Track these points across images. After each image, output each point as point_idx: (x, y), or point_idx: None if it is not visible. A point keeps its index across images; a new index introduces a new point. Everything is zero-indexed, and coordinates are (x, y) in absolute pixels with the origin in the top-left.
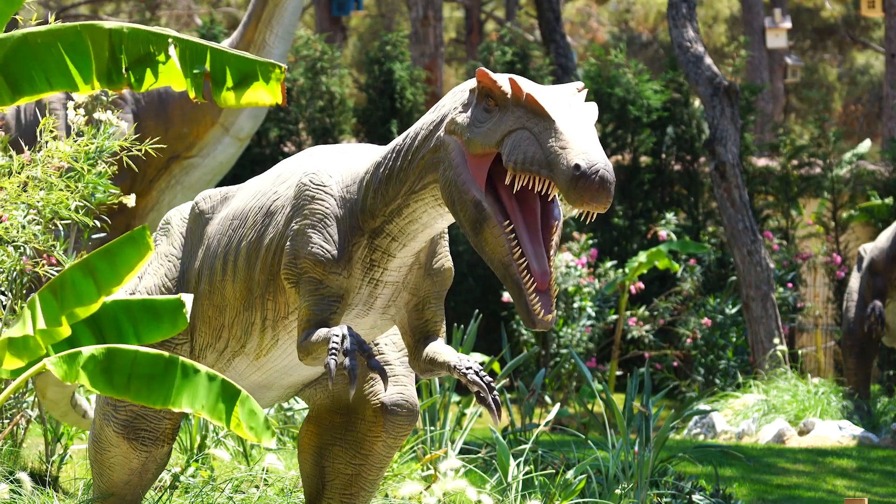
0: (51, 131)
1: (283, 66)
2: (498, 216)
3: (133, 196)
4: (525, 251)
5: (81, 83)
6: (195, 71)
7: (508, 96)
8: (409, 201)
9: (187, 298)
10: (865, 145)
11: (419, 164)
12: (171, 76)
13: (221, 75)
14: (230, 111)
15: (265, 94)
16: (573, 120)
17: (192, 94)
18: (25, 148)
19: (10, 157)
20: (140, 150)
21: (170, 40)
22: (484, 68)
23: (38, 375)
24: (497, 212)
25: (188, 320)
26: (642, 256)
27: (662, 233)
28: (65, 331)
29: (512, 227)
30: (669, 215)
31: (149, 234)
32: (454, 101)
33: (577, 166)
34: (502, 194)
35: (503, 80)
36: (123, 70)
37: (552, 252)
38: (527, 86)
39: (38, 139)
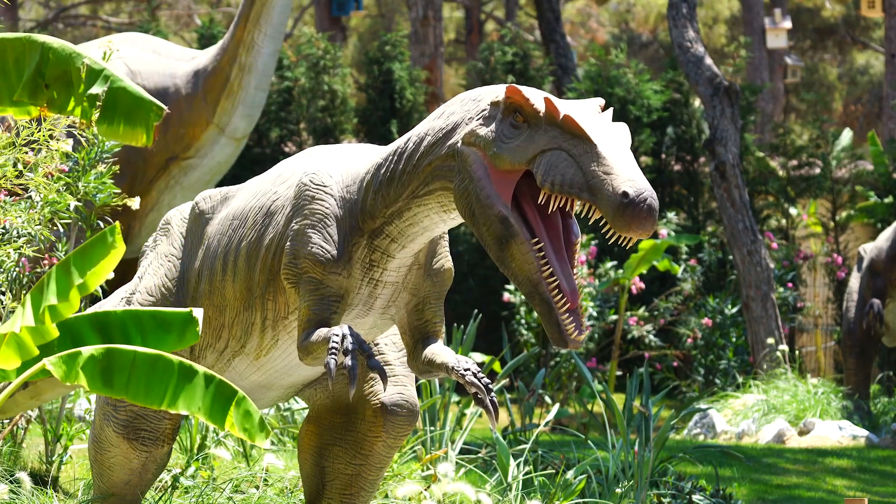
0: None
1: (165, 108)
2: (525, 233)
3: (137, 199)
4: (554, 269)
5: (13, 96)
6: (89, 93)
7: (541, 115)
8: (411, 205)
9: (198, 312)
10: (846, 136)
11: (425, 170)
12: (77, 98)
13: (112, 104)
14: (224, 111)
15: (140, 133)
16: (613, 144)
17: (83, 119)
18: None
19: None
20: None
21: (84, 60)
22: (515, 85)
23: (36, 381)
24: (524, 228)
25: (199, 336)
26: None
27: (663, 232)
28: (52, 330)
29: (541, 244)
30: (670, 215)
31: (119, 233)
32: (466, 111)
33: (625, 194)
34: (526, 210)
35: (537, 99)
36: (44, 86)
37: (575, 269)
38: (562, 105)
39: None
